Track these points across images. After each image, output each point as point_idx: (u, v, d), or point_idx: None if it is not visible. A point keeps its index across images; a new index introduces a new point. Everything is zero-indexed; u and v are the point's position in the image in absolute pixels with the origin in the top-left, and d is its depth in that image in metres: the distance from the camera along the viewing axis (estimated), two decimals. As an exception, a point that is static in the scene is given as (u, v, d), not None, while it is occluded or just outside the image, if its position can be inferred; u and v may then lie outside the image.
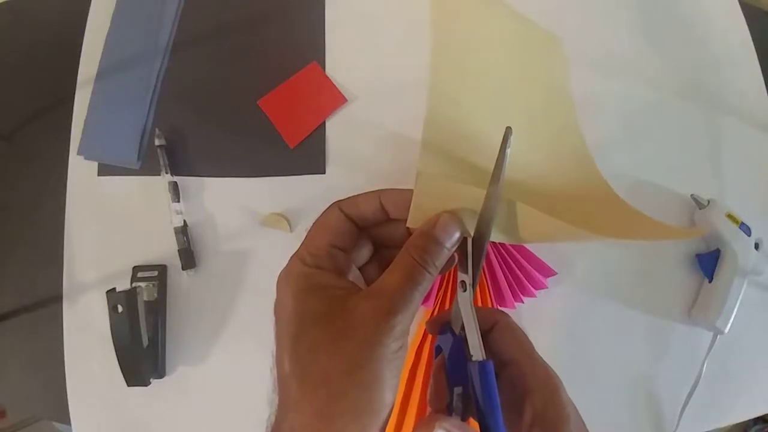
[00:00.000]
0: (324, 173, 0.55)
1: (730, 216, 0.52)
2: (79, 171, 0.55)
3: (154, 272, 0.51)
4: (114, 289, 0.46)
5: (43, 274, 0.53)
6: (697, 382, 0.50)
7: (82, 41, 0.58)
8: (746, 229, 0.52)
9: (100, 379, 0.49)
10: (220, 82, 0.58)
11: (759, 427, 1.12)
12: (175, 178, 0.53)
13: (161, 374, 0.50)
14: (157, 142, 0.53)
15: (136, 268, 0.51)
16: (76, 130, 0.55)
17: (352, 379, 0.22)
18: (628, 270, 0.54)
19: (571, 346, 0.52)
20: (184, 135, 0.56)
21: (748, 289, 0.51)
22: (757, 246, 0.52)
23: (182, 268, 0.51)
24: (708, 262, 0.53)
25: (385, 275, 0.24)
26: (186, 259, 0.51)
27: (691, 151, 0.58)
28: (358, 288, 0.25)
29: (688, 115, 0.59)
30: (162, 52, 0.58)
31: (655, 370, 0.52)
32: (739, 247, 0.51)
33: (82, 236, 0.53)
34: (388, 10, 0.60)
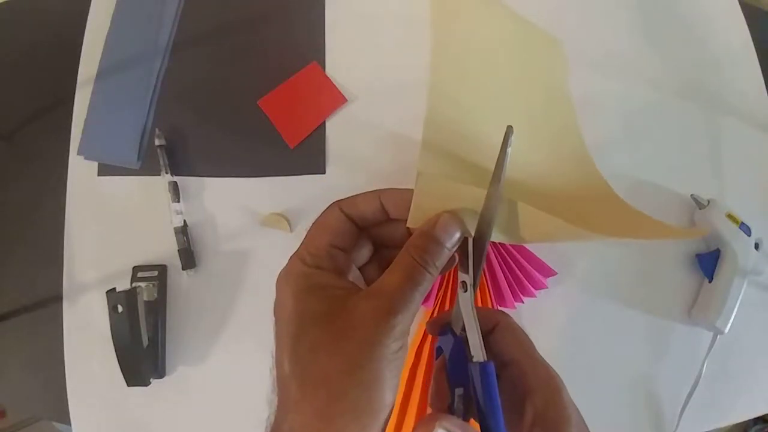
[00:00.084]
0: (324, 173, 0.55)
1: (730, 216, 0.52)
2: (79, 171, 0.55)
3: (154, 272, 0.51)
4: (114, 289, 0.46)
5: (43, 274, 0.53)
6: (697, 382, 0.50)
7: (82, 41, 0.58)
8: (746, 229, 0.52)
9: (100, 379, 0.49)
10: (220, 82, 0.58)
11: (759, 427, 1.12)
12: (175, 178, 0.53)
13: (161, 374, 0.50)
14: (157, 142, 0.53)
15: (136, 268, 0.51)
16: (76, 130, 0.55)
17: (352, 379, 0.22)
18: (628, 270, 0.54)
19: (571, 346, 0.52)
20: (184, 135, 0.56)
21: (748, 289, 0.51)
22: (757, 246, 0.52)
23: (182, 268, 0.51)
24: (708, 262, 0.53)
25: (385, 275, 0.24)
26: (186, 259, 0.51)
27: (691, 151, 0.58)
28: (358, 288, 0.25)
29: (688, 115, 0.59)
30: (162, 52, 0.58)
31: (655, 370, 0.52)
32: (739, 247, 0.51)
33: (82, 236, 0.53)
34: (388, 10, 0.60)
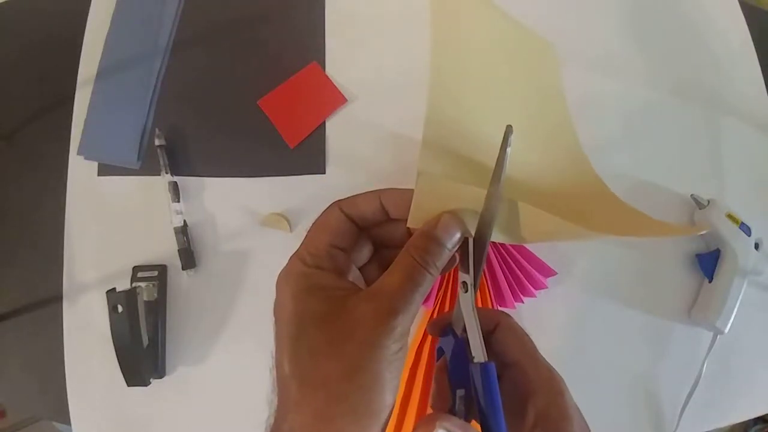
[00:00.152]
0: (324, 173, 0.55)
1: (730, 216, 0.52)
2: (79, 171, 0.55)
3: (154, 272, 0.51)
4: (114, 289, 0.46)
5: (43, 274, 0.53)
6: (697, 382, 0.50)
7: (82, 41, 0.58)
8: (746, 229, 0.52)
9: (100, 379, 0.49)
10: (220, 82, 0.58)
11: (759, 427, 1.12)
12: (175, 178, 0.53)
13: (161, 374, 0.50)
14: (157, 142, 0.53)
15: (136, 268, 0.51)
16: (76, 130, 0.55)
17: (351, 380, 0.22)
18: (628, 270, 0.54)
19: (571, 346, 0.52)
20: (184, 135, 0.56)
21: (748, 289, 0.51)
22: (757, 246, 0.52)
23: (182, 268, 0.51)
24: (708, 262, 0.53)
25: (385, 276, 0.24)
26: (186, 259, 0.51)
27: (691, 151, 0.58)
28: (358, 288, 0.25)
29: (688, 115, 0.59)
30: (162, 52, 0.58)
31: (655, 370, 0.52)
32: (739, 247, 0.51)
33: (82, 236, 0.53)
34: (388, 10, 0.60)
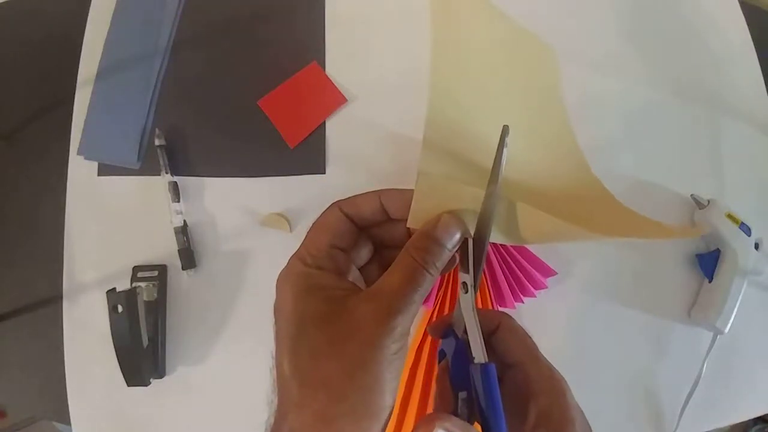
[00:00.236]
0: (324, 173, 0.55)
1: (730, 216, 0.52)
2: (79, 171, 0.55)
3: (154, 272, 0.51)
4: (114, 289, 0.46)
5: (43, 274, 0.53)
6: (697, 382, 0.50)
7: (82, 41, 0.58)
8: (746, 229, 0.52)
9: (100, 379, 0.49)
10: (220, 82, 0.58)
11: (759, 427, 1.12)
12: (175, 178, 0.53)
13: (161, 374, 0.50)
14: (157, 142, 0.53)
15: (136, 268, 0.51)
16: (76, 130, 0.55)
17: (352, 381, 0.22)
18: (628, 270, 0.54)
19: (571, 346, 0.52)
20: (184, 135, 0.56)
21: (748, 289, 0.51)
22: (757, 246, 0.52)
23: (182, 268, 0.51)
24: (708, 262, 0.53)
25: (385, 276, 0.24)
26: (186, 259, 0.51)
27: (691, 151, 0.58)
28: (358, 289, 0.25)
29: (688, 115, 0.59)
30: (162, 52, 0.58)
31: (655, 369, 0.52)
32: (739, 247, 0.51)
33: (82, 236, 0.53)
34: (388, 9, 0.60)
